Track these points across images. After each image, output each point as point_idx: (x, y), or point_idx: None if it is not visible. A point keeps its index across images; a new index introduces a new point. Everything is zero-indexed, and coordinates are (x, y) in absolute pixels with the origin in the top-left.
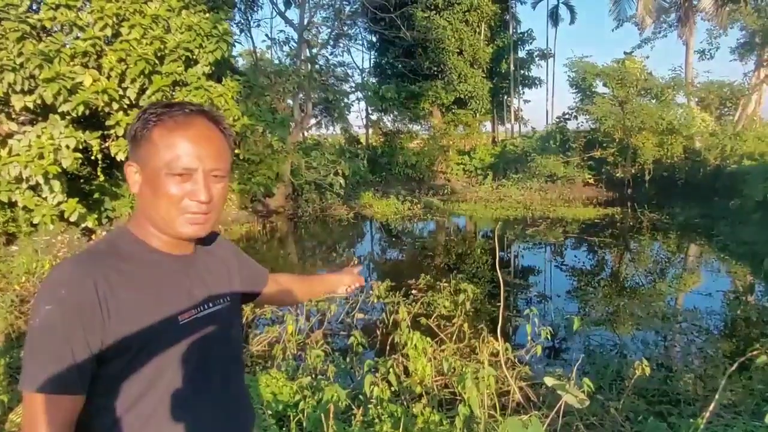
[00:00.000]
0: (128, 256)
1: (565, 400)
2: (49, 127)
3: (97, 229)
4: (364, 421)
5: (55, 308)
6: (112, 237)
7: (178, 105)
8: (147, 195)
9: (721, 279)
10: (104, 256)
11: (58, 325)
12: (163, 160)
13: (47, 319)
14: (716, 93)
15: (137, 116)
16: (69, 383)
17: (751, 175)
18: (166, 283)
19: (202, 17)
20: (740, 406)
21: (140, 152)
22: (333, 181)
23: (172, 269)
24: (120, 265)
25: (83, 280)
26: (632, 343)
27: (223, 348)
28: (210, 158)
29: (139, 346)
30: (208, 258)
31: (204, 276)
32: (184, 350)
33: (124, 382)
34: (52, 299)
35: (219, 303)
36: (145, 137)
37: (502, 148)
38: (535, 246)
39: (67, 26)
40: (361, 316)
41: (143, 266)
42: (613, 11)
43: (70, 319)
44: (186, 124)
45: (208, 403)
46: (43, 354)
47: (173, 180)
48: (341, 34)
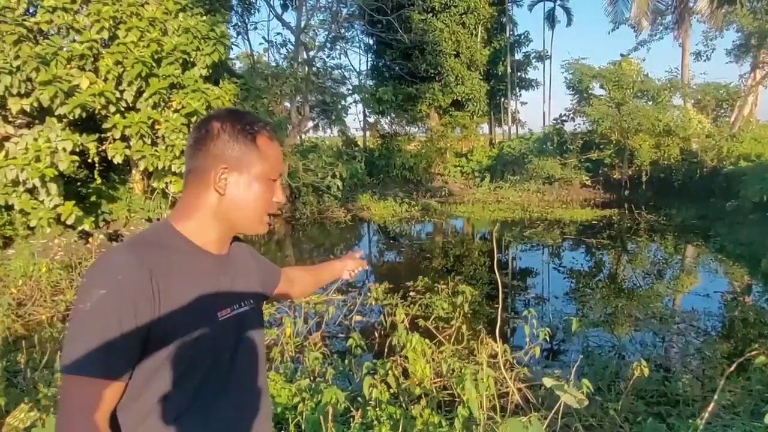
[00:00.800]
0: (175, 250)
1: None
2: (45, 130)
3: (94, 233)
4: (363, 423)
5: (110, 293)
6: (157, 230)
7: (254, 116)
8: (236, 196)
9: (719, 280)
10: (154, 246)
11: (111, 310)
12: (267, 166)
13: (101, 303)
14: (712, 95)
15: (237, 128)
16: (115, 369)
17: (748, 176)
18: (207, 280)
19: (199, 20)
20: (739, 407)
21: (240, 158)
22: (330, 183)
23: (212, 267)
24: (169, 257)
25: (140, 268)
26: (630, 344)
27: (251, 347)
28: (284, 166)
29: (181, 339)
30: (236, 260)
31: (235, 276)
32: (218, 346)
33: (160, 373)
34: (108, 284)
35: (248, 303)
36: (247, 145)
37: (499, 150)
38: (533, 248)
39: (64, 29)
40: (360, 319)
41: (188, 261)
42: (609, 13)
43: (125, 305)
44: (274, 136)
45: (235, 400)
46: (92, 338)
47: (271, 184)
48: (338, 36)
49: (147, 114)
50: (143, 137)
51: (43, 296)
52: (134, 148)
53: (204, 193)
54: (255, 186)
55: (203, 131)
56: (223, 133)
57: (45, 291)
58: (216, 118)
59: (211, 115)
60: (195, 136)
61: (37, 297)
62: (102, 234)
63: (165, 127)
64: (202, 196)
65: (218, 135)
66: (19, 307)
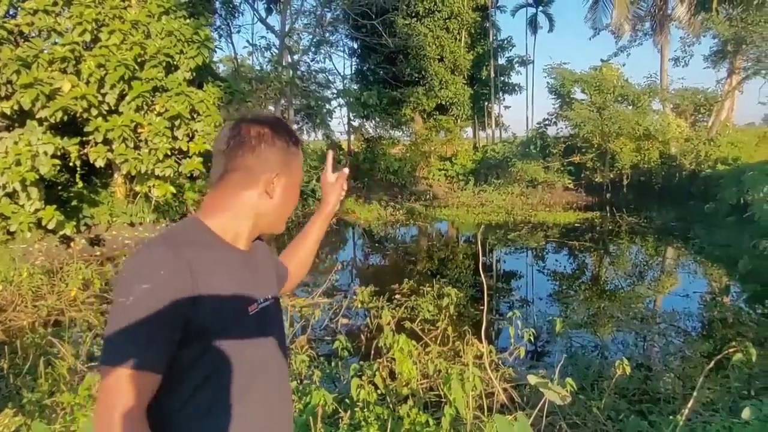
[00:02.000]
0: (207, 246)
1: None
2: (26, 134)
3: (75, 237)
4: (351, 424)
5: (153, 287)
6: (189, 226)
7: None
8: (278, 197)
9: (698, 281)
10: (191, 242)
11: (153, 305)
12: (301, 173)
13: (144, 297)
14: (691, 99)
15: (285, 135)
16: (156, 361)
17: (725, 179)
18: (237, 276)
19: (182, 23)
20: (718, 404)
21: (288, 164)
22: (315, 187)
23: (240, 263)
24: (204, 252)
25: (180, 263)
26: (613, 344)
27: (276, 338)
28: None
29: (215, 332)
30: (258, 256)
31: (258, 272)
32: (251, 339)
33: (197, 366)
34: (150, 278)
35: (271, 297)
36: (295, 153)
37: (483, 154)
38: (517, 250)
39: (45, 31)
40: (345, 322)
41: (219, 257)
42: (590, 19)
43: (167, 299)
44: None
45: (268, 390)
46: (134, 331)
47: (299, 189)
48: (323, 40)
49: (130, 117)
50: (126, 140)
51: (24, 302)
52: (117, 152)
53: (246, 192)
54: (295, 189)
55: (248, 135)
56: (278, 140)
57: (26, 296)
58: (259, 123)
59: (248, 120)
60: (237, 138)
61: (18, 302)
62: (83, 238)
63: (148, 131)
64: (242, 195)
65: (273, 142)
66: (0, 313)
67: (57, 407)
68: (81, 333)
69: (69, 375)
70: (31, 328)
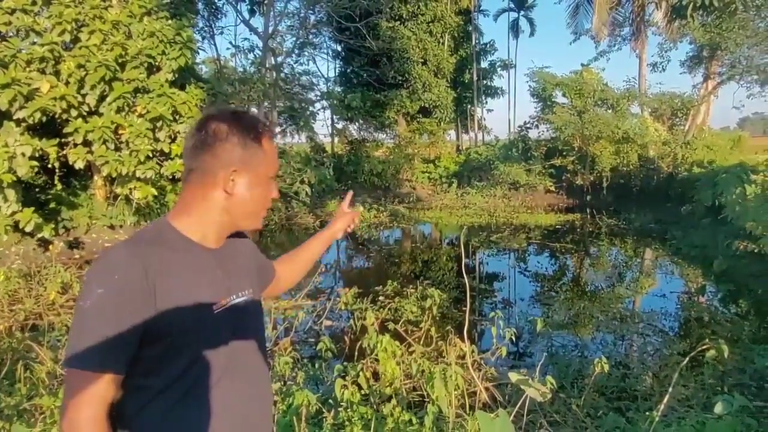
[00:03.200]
0: (172, 246)
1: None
2: (3, 135)
3: (53, 240)
4: (334, 424)
5: (106, 292)
6: (156, 228)
7: (254, 116)
8: (244, 196)
9: (675, 281)
10: (152, 243)
11: (108, 308)
12: (270, 165)
13: (98, 301)
14: (668, 104)
15: (244, 128)
16: (113, 362)
17: (701, 181)
18: (203, 274)
19: (164, 24)
20: (693, 400)
21: (250, 158)
22: (299, 189)
23: (208, 261)
24: (165, 253)
25: (135, 266)
26: (593, 344)
27: (251, 336)
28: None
29: (179, 331)
30: (234, 252)
31: (232, 268)
32: (218, 336)
33: (162, 365)
34: (105, 283)
35: (246, 294)
36: (254, 146)
37: (466, 157)
38: (499, 252)
39: (23, 31)
40: (329, 324)
41: (184, 256)
42: (570, 24)
43: (121, 303)
44: (273, 134)
45: (239, 389)
46: (91, 334)
47: (273, 182)
48: (306, 42)
49: (110, 118)
50: (106, 142)
51: (1, 306)
52: (97, 153)
53: (209, 192)
54: (260, 184)
55: (206, 132)
56: (232, 136)
57: (2, 300)
58: (219, 119)
59: (211, 116)
60: (197, 137)
61: None
62: (62, 241)
63: (129, 132)
64: (205, 194)
65: (227, 138)
66: None
67: (36, 411)
68: (60, 337)
69: (48, 379)
70: (7, 333)
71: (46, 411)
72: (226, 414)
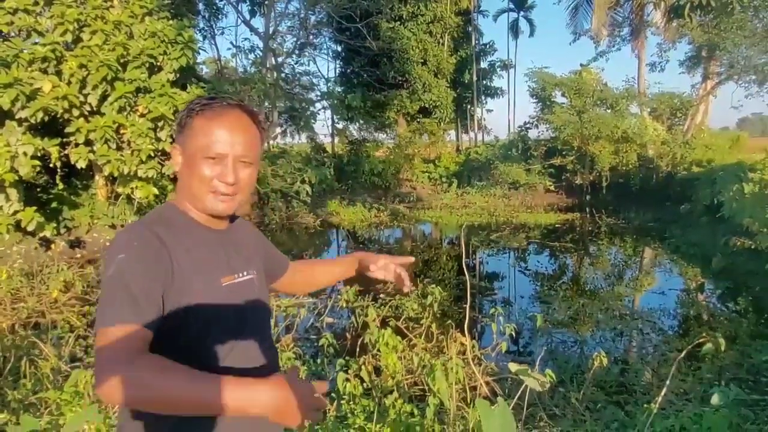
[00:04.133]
0: (174, 225)
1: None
2: (5, 134)
3: (55, 240)
4: (337, 417)
5: (128, 255)
6: (160, 209)
7: (219, 98)
8: (185, 174)
9: (674, 278)
10: (156, 223)
11: (132, 267)
12: (200, 145)
13: (121, 265)
14: (667, 103)
15: (186, 106)
16: (141, 315)
17: (700, 180)
18: (206, 251)
19: (166, 24)
20: (691, 394)
21: (183, 137)
22: (299, 189)
23: (211, 240)
24: (170, 231)
25: (151, 236)
26: (592, 340)
27: (257, 313)
28: (240, 146)
29: (190, 304)
30: (237, 235)
31: (236, 248)
32: (226, 312)
33: (173, 337)
34: (126, 250)
35: (251, 273)
36: (188, 124)
37: (466, 157)
38: (500, 252)
39: (25, 31)
40: (331, 321)
41: (188, 234)
42: (570, 25)
43: (143, 263)
44: (222, 115)
45: (244, 360)
46: (118, 295)
47: (207, 162)
48: (307, 43)
49: (112, 118)
50: (108, 141)
51: (3, 304)
52: (99, 153)
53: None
54: (192, 164)
55: None
56: (178, 116)
57: (5, 299)
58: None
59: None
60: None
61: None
62: (63, 241)
63: (131, 132)
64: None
65: (177, 118)
66: None
67: (42, 405)
68: (62, 335)
69: (52, 375)
70: (10, 330)
71: (52, 404)
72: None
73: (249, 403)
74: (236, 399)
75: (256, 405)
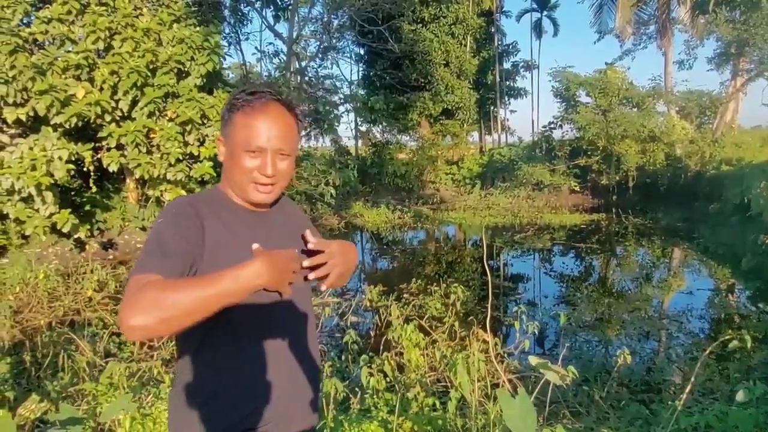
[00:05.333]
0: (216, 203)
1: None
2: (41, 139)
3: (88, 241)
4: (361, 409)
5: (166, 219)
6: (206, 191)
7: (259, 92)
8: (228, 165)
9: (703, 279)
10: (199, 199)
11: (167, 227)
12: (241, 139)
13: (158, 226)
14: (696, 102)
15: (228, 101)
16: (168, 267)
17: (729, 179)
18: (244, 229)
19: (193, 31)
20: (718, 393)
21: (226, 130)
22: (324, 191)
23: (251, 220)
24: (211, 207)
25: (189, 207)
26: (618, 340)
27: (292, 297)
28: (277, 139)
29: (224, 267)
30: (281, 216)
31: (277, 229)
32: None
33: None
34: (165, 215)
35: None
36: (230, 119)
37: (489, 158)
38: (524, 253)
39: (59, 40)
40: (355, 320)
41: (228, 213)
42: (594, 24)
43: (177, 223)
44: (261, 110)
45: (276, 344)
46: (153, 250)
47: (247, 155)
48: (330, 47)
49: (142, 123)
50: (138, 146)
51: (40, 303)
52: (130, 156)
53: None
54: (234, 156)
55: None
56: (223, 110)
57: (42, 298)
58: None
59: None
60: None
61: (34, 304)
62: (96, 242)
63: (160, 136)
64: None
65: (222, 112)
66: (16, 314)
67: (78, 396)
68: (97, 331)
69: (88, 368)
70: (48, 327)
71: (89, 395)
72: (271, 361)
73: (247, 277)
74: (237, 278)
75: (254, 276)
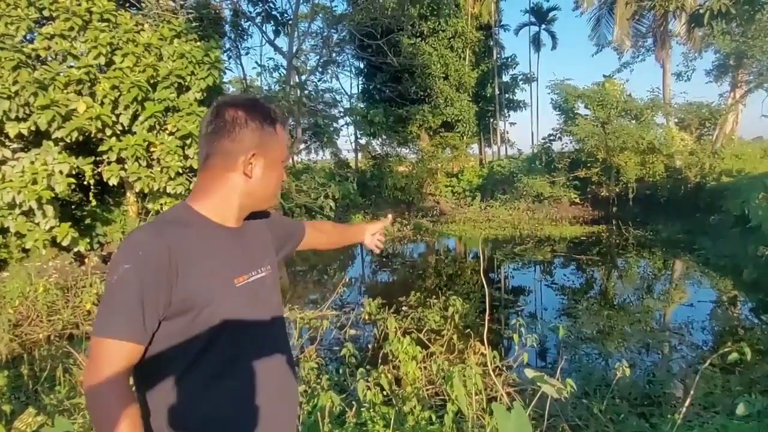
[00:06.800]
0: (192, 226)
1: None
2: (42, 153)
3: (88, 255)
4: (357, 423)
5: (132, 267)
6: (176, 211)
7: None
8: (259, 176)
9: (704, 291)
10: (173, 224)
11: (133, 281)
12: (281, 150)
13: (124, 275)
14: (695, 113)
15: (261, 111)
16: (134, 332)
17: (730, 191)
18: (223, 251)
19: (193, 45)
20: (719, 407)
21: (267, 144)
22: (323, 204)
23: (228, 240)
24: (187, 232)
25: (159, 244)
26: (618, 353)
27: (270, 311)
28: None
29: (202, 305)
30: (251, 230)
31: (251, 246)
32: (239, 311)
33: (187, 339)
34: (131, 259)
35: (264, 270)
36: (272, 132)
37: (489, 170)
38: (524, 266)
39: (61, 55)
40: (353, 333)
41: (205, 236)
42: (592, 37)
43: (145, 277)
44: (285, 120)
45: (262, 362)
46: (116, 306)
47: (282, 166)
48: (329, 60)
49: (143, 137)
50: (139, 159)
51: (40, 317)
52: (130, 170)
53: (229, 175)
54: (274, 167)
55: (223, 118)
56: (251, 122)
57: (41, 312)
58: (235, 106)
59: (226, 103)
60: (215, 123)
61: (34, 317)
62: (96, 256)
63: (160, 150)
64: (225, 178)
65: (246, 123)
66: (15, 327)
67: (75, 410)
68: None
69: None
70: (46, 341)
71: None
72: (260, 383)
73: None
74: None
75: None
